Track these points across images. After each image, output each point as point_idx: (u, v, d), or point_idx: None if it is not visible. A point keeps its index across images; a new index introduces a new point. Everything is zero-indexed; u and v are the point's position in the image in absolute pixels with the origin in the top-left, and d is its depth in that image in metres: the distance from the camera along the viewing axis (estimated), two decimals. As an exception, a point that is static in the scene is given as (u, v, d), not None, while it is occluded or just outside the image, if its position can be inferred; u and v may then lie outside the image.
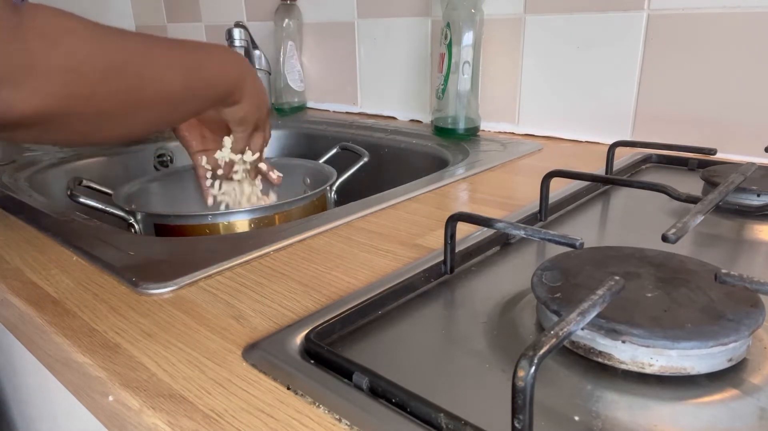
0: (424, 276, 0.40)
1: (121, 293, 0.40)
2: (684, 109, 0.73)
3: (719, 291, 0.32)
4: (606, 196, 0.60)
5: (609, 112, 0.80)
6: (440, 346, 0.33)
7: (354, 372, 0.29)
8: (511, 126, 0.91)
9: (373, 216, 0.54)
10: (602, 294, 0.27)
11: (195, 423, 0.27)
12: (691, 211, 0.38)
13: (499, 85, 0.90)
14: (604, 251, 0.38)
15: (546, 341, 0.23)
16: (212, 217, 0.59)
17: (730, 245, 0.47)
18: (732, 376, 0.29)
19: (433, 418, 0.25)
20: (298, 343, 0.32)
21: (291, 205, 0.63)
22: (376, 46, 1.06)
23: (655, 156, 0.71)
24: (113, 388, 0.31)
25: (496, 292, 0.39)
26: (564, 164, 0.71)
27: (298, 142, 1.08)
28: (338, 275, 0.42)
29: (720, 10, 0.68)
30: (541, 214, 0.52)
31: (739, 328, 0.28)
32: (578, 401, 0.28)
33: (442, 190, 0.62)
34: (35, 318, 0.38)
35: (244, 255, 0.45)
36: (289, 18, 1.14)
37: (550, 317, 0.32)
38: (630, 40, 0.75)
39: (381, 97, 1.09)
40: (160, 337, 0.35)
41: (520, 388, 0.22)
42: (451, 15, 0.82)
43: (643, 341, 0.28)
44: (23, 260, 0.47)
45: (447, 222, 0.40)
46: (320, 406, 0.28)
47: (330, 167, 0.75)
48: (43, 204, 0.61)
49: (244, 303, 0.38)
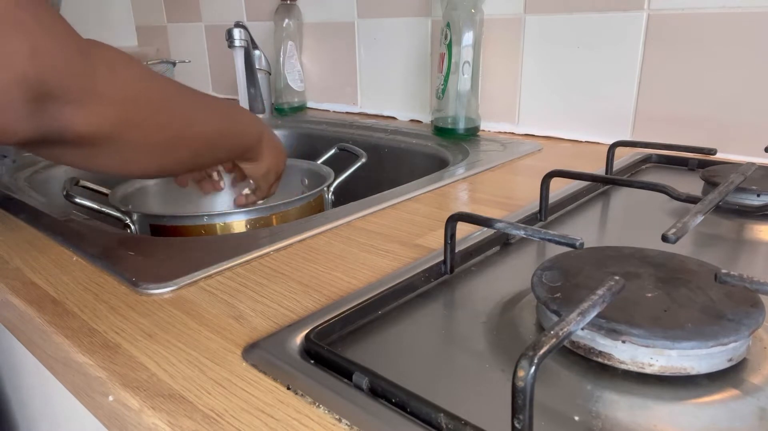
0: (424, 276, 0.40)
1: (121, 293, 0.40)
2: (684, 109, 0.73)
3: (719, 291, 0.32)
4: (606, 196, 0.60)
5: (609, 112, 0.80)
6: (440, 346, 0.33)
7: (354, 372, 0.29)
8: (511, 126, 0.91)
9: (373, 216, 0.54)
10: (602, 294, 0.27)
11: (195, 423, 0.27)
12: (691, 210, 0.38)
13: (499, 85, 0.90)
14: (604, 251, 0.38)
15: (546, 341, 0.23)
16: (208, 218, 0.59)
17: (730, 245, 0.47)
18: (732, 376, 0.29)
19: (433, 418, 0.25)
20: (298, 343, 0.32)
21: (288, 206, 0.63)
22: (376, 46, 1.06)
23: (655, 156, 0.71)
24: (113, 388, 0.31)
25: (496, 292, 0.39)
26: (564, 164, 0.71)
27: (298, 142, 1.08)
28: (338, 275, 0.42)
29: (720, 10, 0.68)
30: (541, 214, 0.52)
31: (739, 328, 0.28)
32: (578, 401, 0.28)
33: (442, 190, 0.62)
34: (35, 318, 0.38)
35: (244, 255, 0.45)
36: (289, 18, 1.14)
37: (550, 317, 0.32)
38: (630, 40, 0.75)
39: (381, 97, 1.09)
40: (160, 337, 0.34)
41: (520, 388, 0.22)
42: (451, 15, 0.82)
43: (643, 341, 0.28)
44: (23, 260, 0.47)
45: (447, 222, 0.40)
46: (320, 406, 0.28)
47: (328, 168, 0.75)
48: (43, 204, 0.61)
49: (244, 303, 0.38)
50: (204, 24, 1.41)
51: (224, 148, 0.53)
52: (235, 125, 0.54)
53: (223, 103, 0.53)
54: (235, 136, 0.54)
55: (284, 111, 1.18)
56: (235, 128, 0.54)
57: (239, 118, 0.55)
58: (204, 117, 0.48)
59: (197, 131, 0.47)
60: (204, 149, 0.50)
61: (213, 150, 0.52)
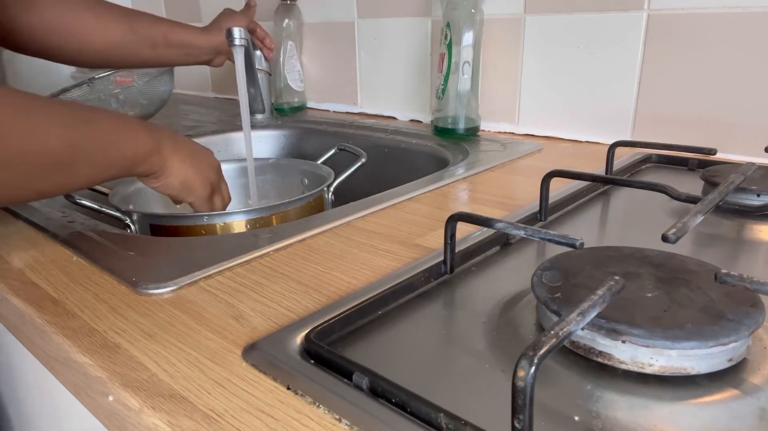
0: (424, 276, 0.40)
1: (121, 293, 0.40)
2: (684, 109, 0.73)
3: (719, 291, 0.32)
4: (606, 196, 0.60)
5: (609, 112, 0.80)
6: (440, 346, 0.33)
7: (354, 372, 0.29)
8: (511, 126, 0.91)
9: (373, 216, 0.54)
10: (602, 294, 0.27)
11: (195, 423, 0.27)
12: (691, 210, 0.38)
13: (499, 85, 0.90)
14: (604, 251, 0.38)
15: (546, 341, 0.23)
16: (208, 218, 0.59)
17: (730, 245, 0.47)
18: (732, 376, 0.29)
19: (433, 418, 0.25)
20: (298, 343, 0.32)
21: (288, 206, 0.63)
22: (376, 46, 1.06)
23: (655, 156, 0.71)
24: (113, 388, 0.31)
25: (496, 292, 0.39)
26: (564, 164, 0.71)
27: (298, 142, 1.08)
28: (338, 275, 0.42)
29: (720, 10, 0.68)
30: (541, 214, 0.52)
31: (739, 328, 0.28)
32: (578, 401, 0.28)
33: (442, 190, 0.62)
34: (35, 318, 0.38)
35: (244, 255, 0.45)
36: (289, 18, 1.14)
37: (550, 317, 0.32)
38: (630, 40, 0.75)
39: (381, 97, 1.09)
40: (160, 337, 0.34)
41: (520, 388, 0.22)
42: (451, 15, 0.82)
43: (643, 341, 0.28)
44: (23, 260, 0.47)
45: (447, 222, 0.40)
46: (320, 406, 0.28)
47: (328, 168, 0.75)
48: (43, 204, 0.61)
49: (244, 303, 0.38)
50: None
51: (86, 164, 0.44)
52: (99, 136, 0.45)
53: (81, 111, 0.45)
54: (99, 148, 0.45)
55: (284, 111, 1.18)
56: (97, 140, 0.45)
57: (104, 126, 0.46)
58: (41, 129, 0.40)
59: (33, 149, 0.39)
60: (51, 168, 0.41)
61: (70, 168, 0.43)
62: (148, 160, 0.50)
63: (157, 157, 0.51)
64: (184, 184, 0.54)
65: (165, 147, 0.51)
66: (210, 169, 0.57)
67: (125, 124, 0.49)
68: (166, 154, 0.52)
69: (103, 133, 0.46)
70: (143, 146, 0.49)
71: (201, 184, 0.56)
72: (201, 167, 0.55)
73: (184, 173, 0.53)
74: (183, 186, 0.54)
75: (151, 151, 0.50)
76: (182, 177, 0.53)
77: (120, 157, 0.48)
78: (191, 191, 0.55)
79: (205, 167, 0.56)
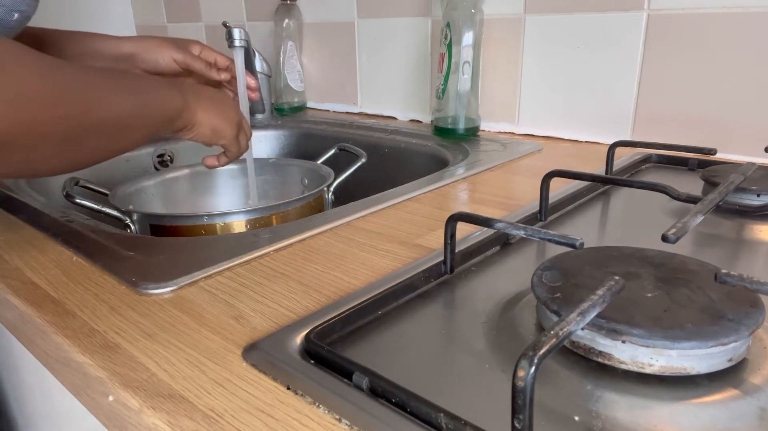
0: (424, 276, 0.40)
1: (121, 293, 0.40)
2: (684, 109, 0.73)
3: (719, 291, 0.32)
4: (606, 196, 0.60)
5: (609, 112, 0.80)
6: (440, 346, 0.33)
7: (354, 372, 0.29)
8: (511, 126, 0.91)
9: (373, 216, 0.54)
10: (602, 294, 0.27)
11: (195, 423, 0.27)
12: (691, 210, 0.38)
13: (499, 85, 0.90)
14: (604, 251, 0.38)
15: (546, 341, 0.23)
16: (208, 218, 0.59)
17: (730, 245, 0.47)
18: (732, 376, 0.29)
19: (433, 418, 0.25)
20: (298, 343, 0.32)
21: (288, 206, 0.63)
22: (376, 46, 1.06)
23: (655, 156, 0.71)
24: (113, 388, 0.31)
25: (496, 292, 0.39)
26: (564, 164, 0.71)
27: (298, 142, 1.08)
28: (338, 275, 0.42)
29: (720, 10, 0.68)
30: (541, 214, 0.52)
31: (739, 328, 0.28)
32: (578, 401, 0.28)
33: (442, 190, 0.62)
34: (35, 318, 0.38)
35: (244, 255, 0.45)
36: (289, 18, 1.14)
37: (550, 317, 0.32)
38: (630, 40, 0.75)
39: (381, 97, 1.09)
40: (160, 337, 0.34)
41: (520, 388, 0.22)
42: (451, 15, 0.82)
43: (643, 341, 0.28)
44: (23, 260, 0.47)
45: (447, 222, 0.40)
46: (320, 406, 0.28)
47: (327, 168, 0.75)
48: (43, 204, 0.61)
49: (244, 303, 0.38)
50: (204, 24, 1.41)
51: (142, 126, 0.48)
52: (148, 99, 0.49)
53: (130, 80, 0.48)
54: (150, 110, 0.49)
55: (284, 111, 1.18)
56: (148, 102, 0.49)
57: (151, 90, 0.50)
58: (109, 100, 0.44)
59: (102, 116, 0.43)
60: (116, 133, 0.45)
61: (128, 131, 0.47)
62: (181, 115, 0.53)
63: (187, 112, 0.54)
64: (214, 130, 0.57)
65: (190, 99, 0.54)
66: (231, 109, 0.60)
67: (157, 83, 0.52)
68: (193, 107, 0.54)
69: (149, 95, 0.49)
70: (177, 102, 0.52)
71: (228, 126, 0.58)
72: (224, 110, 0.58)
73: (211, 120, 0.56)
74: (213, 132, 0.57)
75: (183, 107, 0.53)
76: (211, 124, 0.56)
77: (164, 116, 0.51)
78: (221, 135, 0.58)
79: (227, 109, 0.59)
